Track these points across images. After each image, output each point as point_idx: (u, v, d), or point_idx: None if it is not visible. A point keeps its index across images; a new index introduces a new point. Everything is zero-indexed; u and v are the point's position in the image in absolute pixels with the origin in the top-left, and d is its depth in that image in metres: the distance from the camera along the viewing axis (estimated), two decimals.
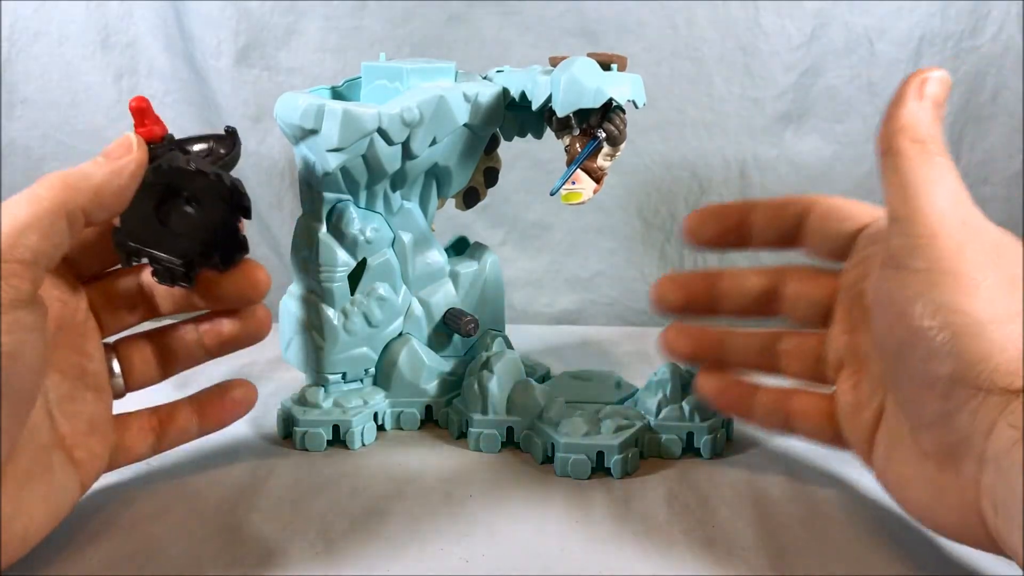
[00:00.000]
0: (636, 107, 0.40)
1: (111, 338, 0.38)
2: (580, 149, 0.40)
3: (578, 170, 0.40)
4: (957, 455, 0.29)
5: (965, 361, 0.28)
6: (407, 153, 0.41)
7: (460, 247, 0.50)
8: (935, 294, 0.29)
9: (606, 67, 0.40)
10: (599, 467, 0.40)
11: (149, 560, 0.34)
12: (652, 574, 0.33)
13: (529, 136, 0.46)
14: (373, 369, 0.45)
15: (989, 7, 0.61)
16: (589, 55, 0.40)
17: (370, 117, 0.40)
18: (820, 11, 0.62)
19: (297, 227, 0.44)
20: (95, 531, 0.36)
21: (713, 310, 0.40)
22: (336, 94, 0.45)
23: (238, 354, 0.41)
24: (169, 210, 0.35)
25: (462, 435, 0.44)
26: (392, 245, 0.45)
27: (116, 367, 0.37)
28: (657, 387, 0.43)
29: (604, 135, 0.39)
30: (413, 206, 0.45)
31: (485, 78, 0.45)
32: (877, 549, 0.35)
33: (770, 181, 0.64)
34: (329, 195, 0.42)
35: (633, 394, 0.46)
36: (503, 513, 0.37)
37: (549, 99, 0.40)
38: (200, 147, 0.37)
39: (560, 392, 0.45)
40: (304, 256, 0.44)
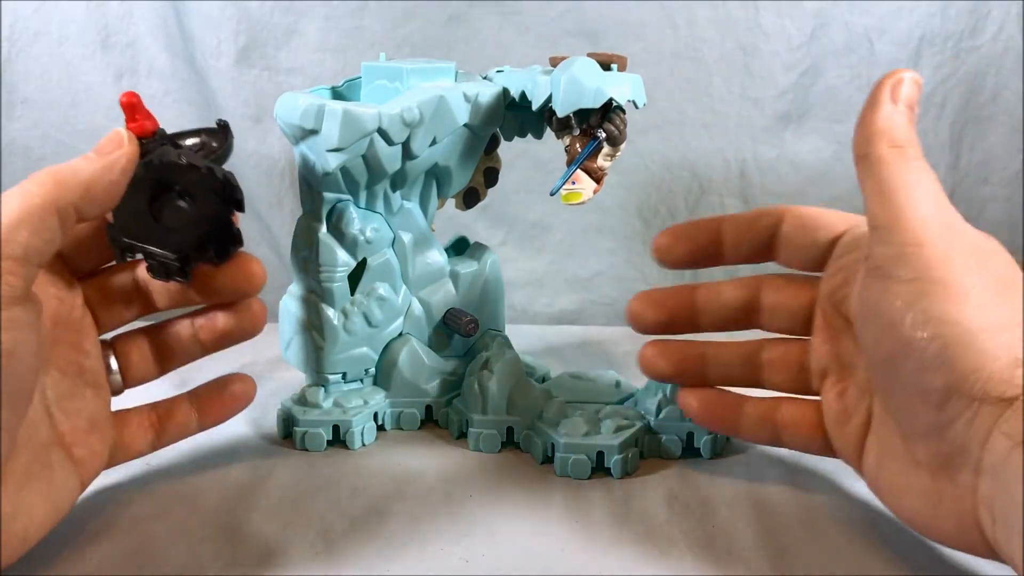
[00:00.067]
0: (636, 107, 0.40)
1: (108, 335, 0.38)
2: (580, 149, 0.40)
3: (578, 170, 0.40)
4: (953, 465, 0.29)
5: (958, 372, 0.28)
6: (407, 153, 0.41)
7: (460, 247, 0.50)
8: (925, 304, 0.29)
9: (606, 67, 0.40)
10: (599, 467, 0.40)
11: (149, 560, 0.34)
12: (652, 574, 0.33)
13: (529, 136, 0.46)
14: (373, 369, 0.45)
15: (989, 7, 0.61)
16: (589, 55, 0.40)
17: (370, 117, 0.40)
18: (820, 11, 0.62)
19: (297, 227, 0.44)
20: (95, 531, 0.36)
21: (691, 325, 0.40)
22: (336, 94, 0.45)
23: (238, 354, 0.41)
24: (162, 205, 0.35)
25: (462, 435, 0.44)
26: (392, 245, 0.45)
27: (114, 364, 0.37)
28: (657, 387, 0.43)
29: (604, 135, 0.39)
30: (413, 206, 0.45)
31: (485, 78, 0.45)
32: (877, 549, 0.35)
33: (770, 181, 0.64)
34: (329, 195, 0.42)
35: (633, 394, 0.46)
36: (503, 513, 0.37)
37: (549, 99, 0.40)
38: (192, 141, 0.37)
39: (560, 392, 0.45)
40: (304, 256, 0.44)
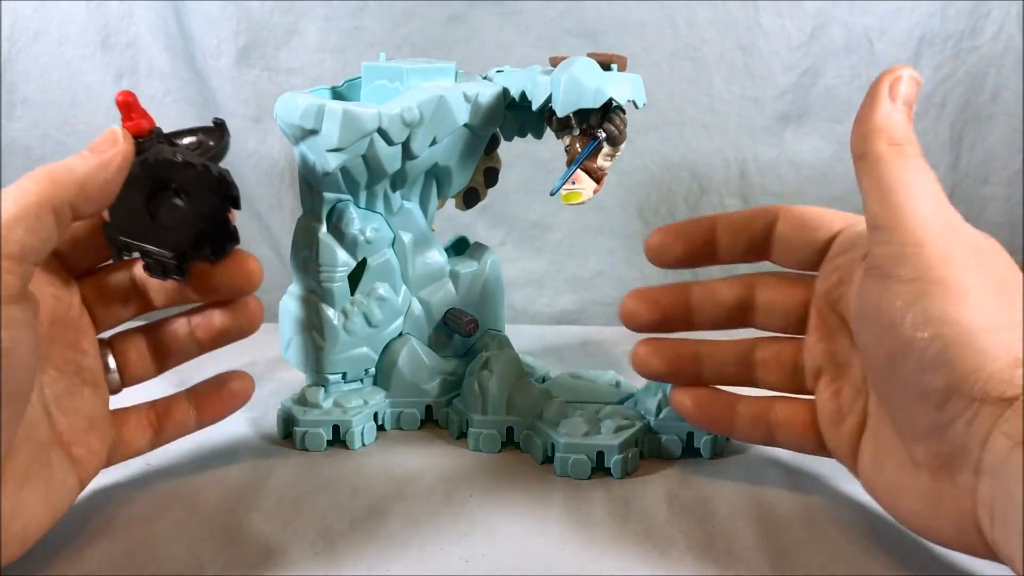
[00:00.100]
0: (636, 107, 0.40)
1: (106, 334, 0.38)
2: (580, 149, 0.40)
3: (578, 170, 0.40)
4: (952, 465, 0.29)
5: (958, 372, 0.28)
6: (407, 153, 0.41)
7: (460, 247, 0.50)
8: (925, 304, 0.29)
9: (606, 67, 0.40)
10: (599, 467, 0.40)
11: (149, 560, 0.34)
12: (652, 574, 0.33)
13: (529, 136, 0.46)
14: (373, 369, 0.45)
15: (989, 7, 0.61)
16: (589, 55, 0.40)
17: (370, 117, 0.40)
18: (820, 11, 0.62)
19: (297, 227, 0.44)
20: (95, 531, 0.36)
21: (686, 324, 0.39)
22: (336, 94, 0.45)
23: (238, 354, 0.41)
24: (158, 203, 0.35)
25: (462, 435, 0.44)
26: (392, 245, 0.45)
27: (112, 363, 0.37)
28: (657, 387, 0.43)
29: (604, 135, 0.39)
30: (413, 206, 0.45)
31: (485, 78, 0.45)
32: (877, 549, 0.35)
33: (770, 181, 0.64)
34: (329, 195, 0.42)
35: (633, 394, 0.46)
36: (503, 513, 0.37)
37: (549, 99, 0.40)
38: (189, 140, 0.37)
39: (560, 392, 0.45)
40: (304, 256, 0.44)
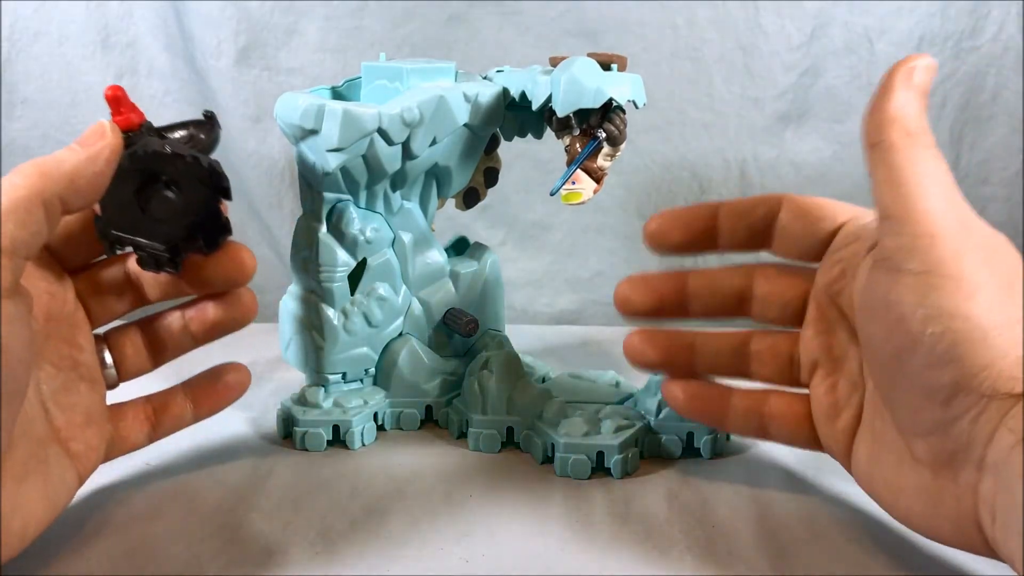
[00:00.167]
0: (636, 107, 0.40)
1: (101, 329, 0.38)
2: (580, 149, 0.40)
3: (578, 170, 0.40)
4: (955, 462, 0.29)
5: (967, 368, 0.28)
6: (407, 153, 0.41)
7: (460, 247, 0.50)
8: (936, 299, 0.28)
9: (606, 67, 0.40)
10: (599, 467, 0.40)
11: (148, 560, 0.34)
12: (652, 574, 0.33)
13: (529, 136, 0.46)
14: (373, 369, 0.45)
15: (989, 7, 0.61)
16: (589, 55, 0.40)
17: (370, 117, 0.40)
18: (820, 11, 0.62)
19: (297, 227, 0.44)
20: (94, 531, 0.36)
21: (681, 311, 0.38)
22: (336, 94, 0.45)
23: (238, 354, 0.41)
24: (149, 196, 0.35)
25: (462, 435, 0.44)
26: (392, 245, 0.45)
27: (108, 357, 0.37)
28: (657, 387, 0.43)
29: (604, 135, 0.39)
30: (413, 206, 0.45)
31: (485, 78, 0.45)
32: (877, 549, 0.35)
33: (770, 181, 0.64)
34: (329, 195, 0.42)
35: (633, 394, 0.45)
36: (503, 513, 0.37)
37: (549, 99, 0.40)
38: (180, 134, 0.36)
39: (560, 392, 0.45)
40: (304, 256, 0.44)
